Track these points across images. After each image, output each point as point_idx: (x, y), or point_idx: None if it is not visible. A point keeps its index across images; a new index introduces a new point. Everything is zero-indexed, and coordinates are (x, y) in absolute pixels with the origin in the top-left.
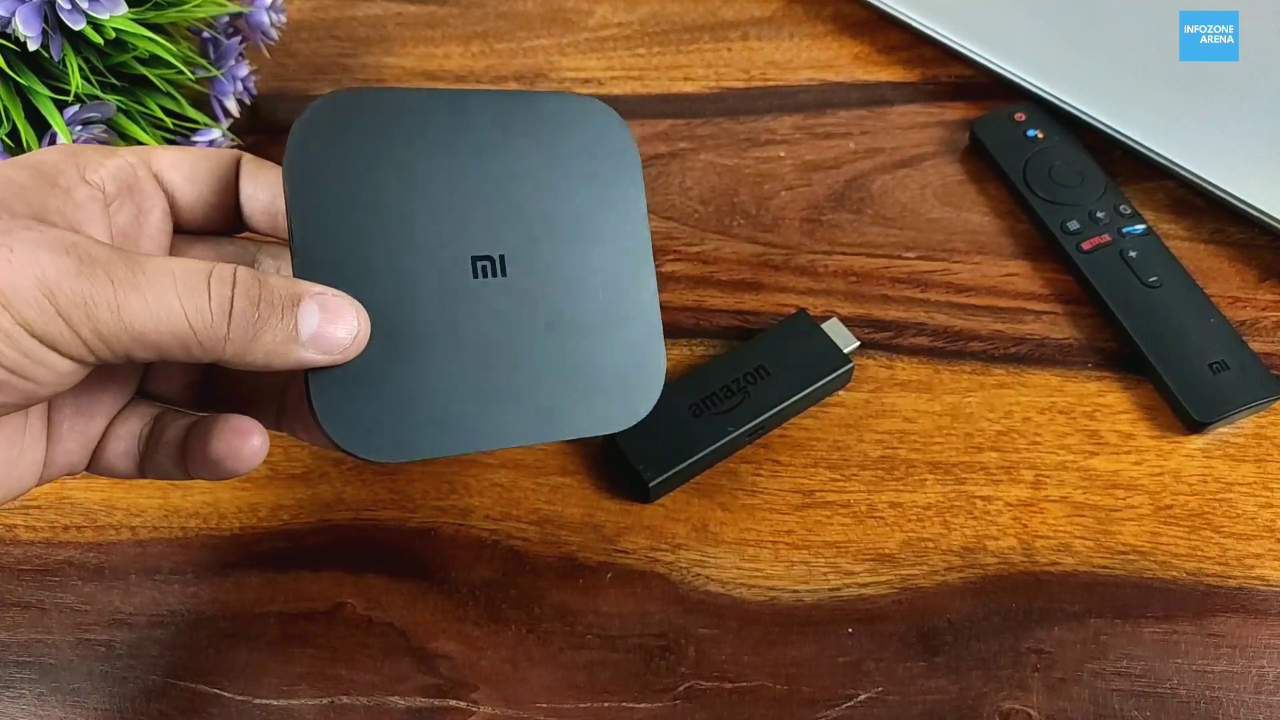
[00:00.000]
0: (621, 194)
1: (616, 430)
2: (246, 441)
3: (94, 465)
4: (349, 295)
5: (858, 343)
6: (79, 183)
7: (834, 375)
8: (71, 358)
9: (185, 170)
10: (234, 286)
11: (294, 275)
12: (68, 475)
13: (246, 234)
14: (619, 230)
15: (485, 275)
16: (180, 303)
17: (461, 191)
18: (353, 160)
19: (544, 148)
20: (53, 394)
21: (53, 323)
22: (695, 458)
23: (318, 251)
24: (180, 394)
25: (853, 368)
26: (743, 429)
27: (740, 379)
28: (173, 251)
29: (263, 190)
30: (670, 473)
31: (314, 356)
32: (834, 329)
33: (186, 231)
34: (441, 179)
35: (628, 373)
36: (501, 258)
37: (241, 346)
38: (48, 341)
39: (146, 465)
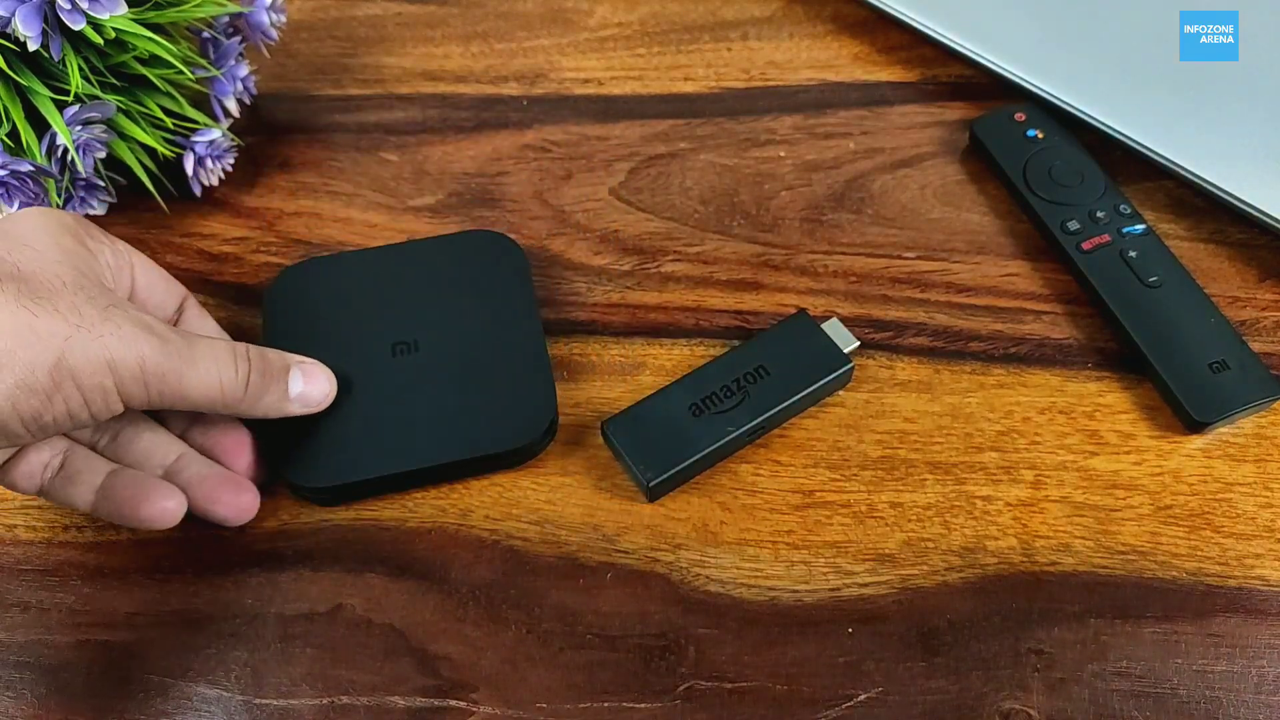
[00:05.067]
0: (513, 289)
1: (516, 446)
2: (166, 503)
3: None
4: (322, 365)
5: (857, 343)
6: (99, 247)
7: (834, 375)
8: (131, 408)
9: (149, 279)
10: (250, 363)
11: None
12: None
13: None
14: (511, 312)
15: (402, 354)
16: (219, 377)
17: (385, 307)
18: (309, 298)
19: (452, 270)
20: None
21: (137, 386)
22: (695, 457)
23: (280, 343)
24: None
25: (853, 368)
26: (743, 429)
27: (740, 379)
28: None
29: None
30: (670, 473)
31: (298, 409)
32: (834, 329)
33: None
34: (370, 302)
35: (522, 405)
36: (415, 341)
37: (251, 405)
38: (126, 399)
39: (49, 490)
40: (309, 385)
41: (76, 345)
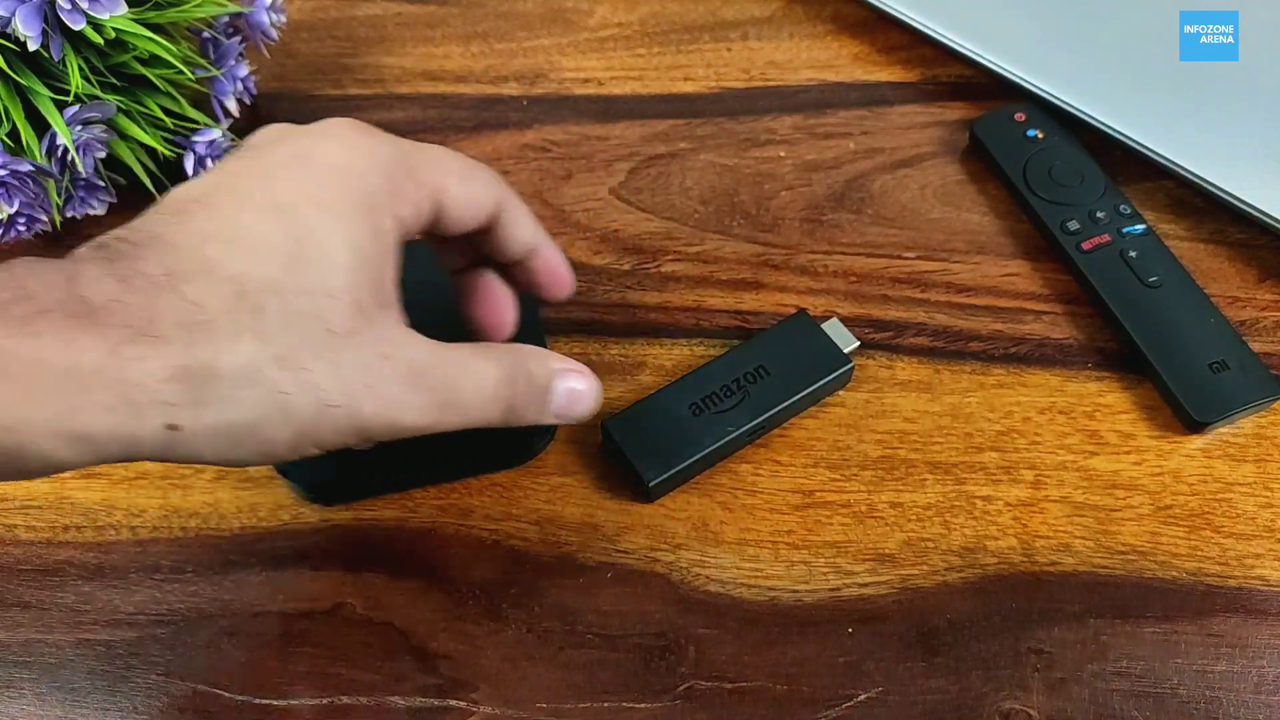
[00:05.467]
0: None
1: (517, 445)
2: None
3: None
4: (591, 374)
5: (857, 343)
6: (389, 221)
7: (834, 375)
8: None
9: (456, 209)
10: (514, 388)
11: None
12: None
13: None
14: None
15: None
16: (480, 417)
17: None
18: None
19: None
20: None
21: (385, 434)
22: (695, 457)
23: None
24: None
25: (853, 367)
26: (743, 429)
27: (740, 379)
28: None
29: (524, 232)
30: (670, 472)
31: (560, 421)
32: (834, 329)
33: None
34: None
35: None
36: None
37: (503, 424)
38: (371, 441)
39: None
40: (574, 403)
41: (324, 422)
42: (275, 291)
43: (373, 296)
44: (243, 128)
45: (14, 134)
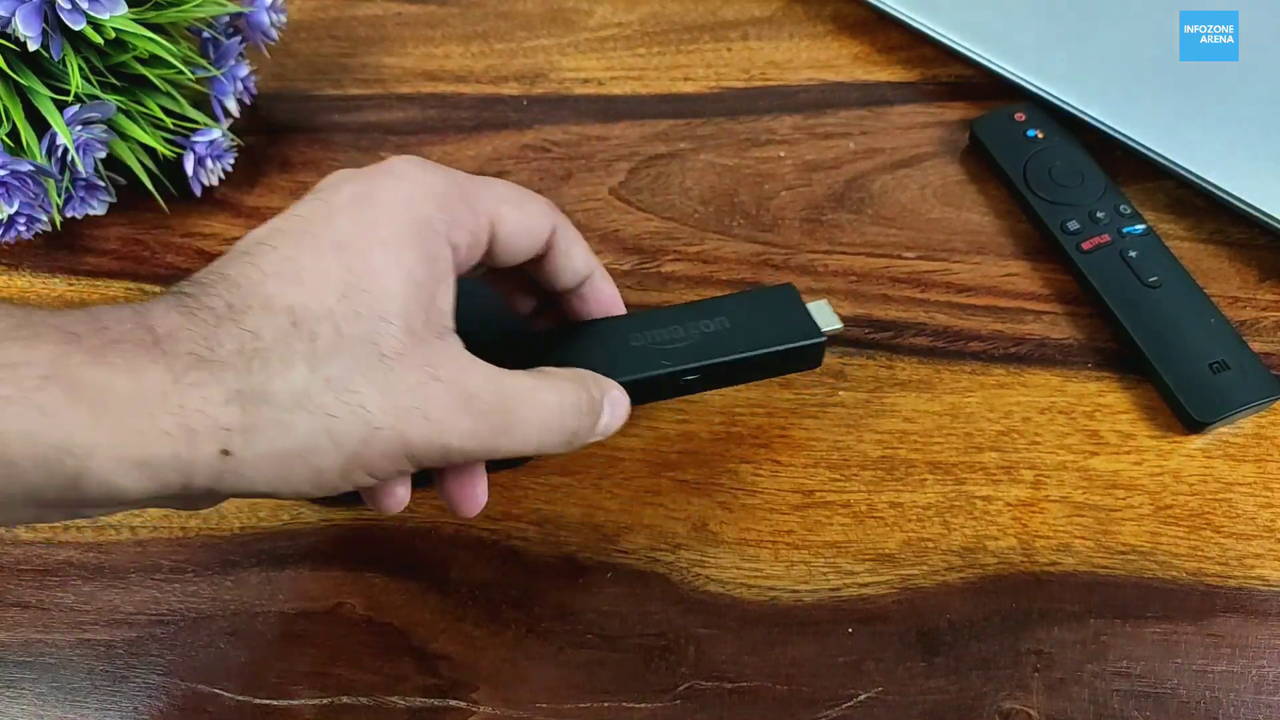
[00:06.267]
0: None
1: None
2: (475, 491)
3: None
4: (620, 388)
5: (840, 325)
6: (444, 251)
7: (798, 345)
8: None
9: (509, 237)
10: (580, 416)
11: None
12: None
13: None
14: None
15: None
16: (537, 445)
17: None
18: None
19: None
20: None
21: (434, 460)
22: (619, 380)
23: None
24: None
25: (823, 345)
26: (678, 367)
27: (696, 324)
28: None
29: (578, 260)
30: None
31: (598, 439)
32: (819, 307)
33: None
34: None
35: None
36: None
37: (562, 451)
38: (417, 467)
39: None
40: (613, 419)
41: (373, 446)
42: (329, 318)
43: (426, 321)
44: (242, 127)
45: (14, 134)
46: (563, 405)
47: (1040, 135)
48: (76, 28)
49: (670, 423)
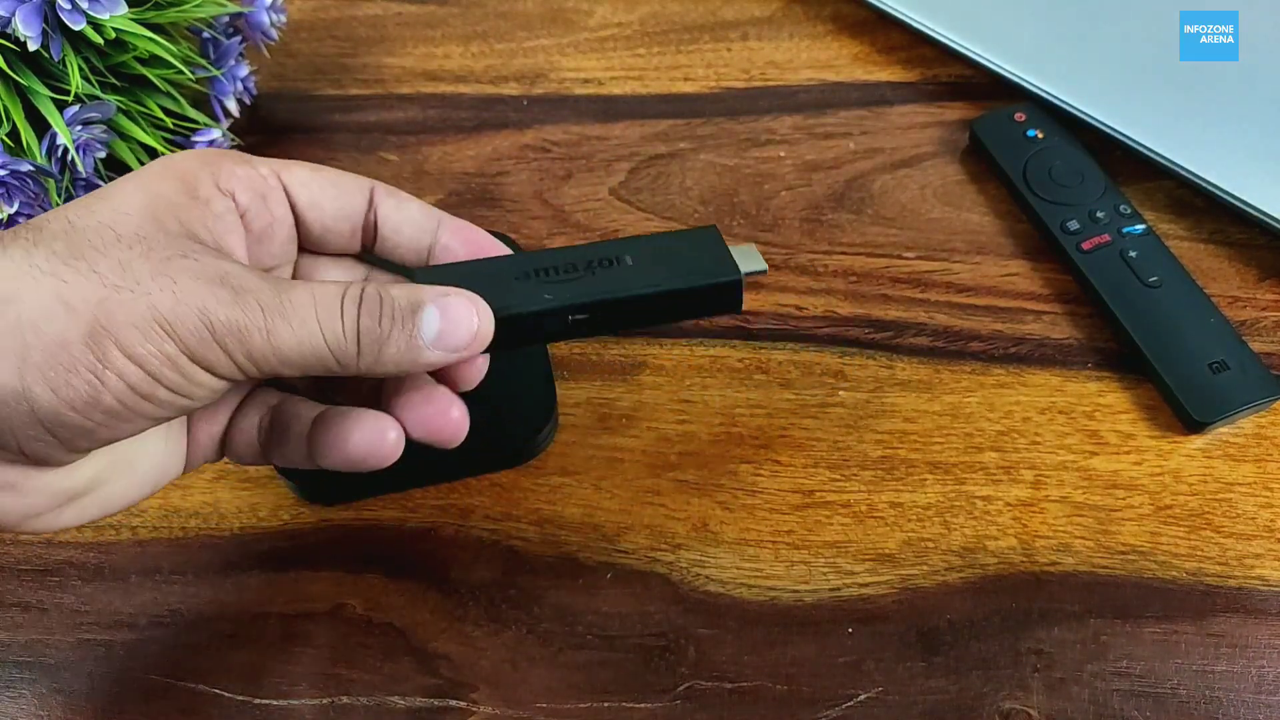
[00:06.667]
0: None
1: (516, 444)
2: (385, 436)
3: (227, 454)
4: (470, 293)
5: (764, 266)
6: (215, 193)
7: (709, 284)
8: (224, 377)
9: (313, 193)
10: (360, 305)
11: None
12: (208, 464)
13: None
14: None
15: None
16: (320, 327)
17: None
18: None
19: None
20: (202, 406)
21: (210, 349)
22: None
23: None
24: (301, 382)
25: (739, 284)
26: (565, 304)
27: (592, 261)
28: (299, 266)
29: (414, 210)
30: None
31: (441, 356)
32: (744, 250)
33: (307, 250)
34: None
35: (522, 404)
36: None
37: (372, 360)
38: (205, 365)
39: (272, 454)
40: (450, 324)
41: (113, 308)
42: (61, 217)
43: (181, 230)
44: (243, 127)
45: (14, 134)
46: (346, 294)
47: (1040, 135)
48: (76, 28)
49: (670, 423)
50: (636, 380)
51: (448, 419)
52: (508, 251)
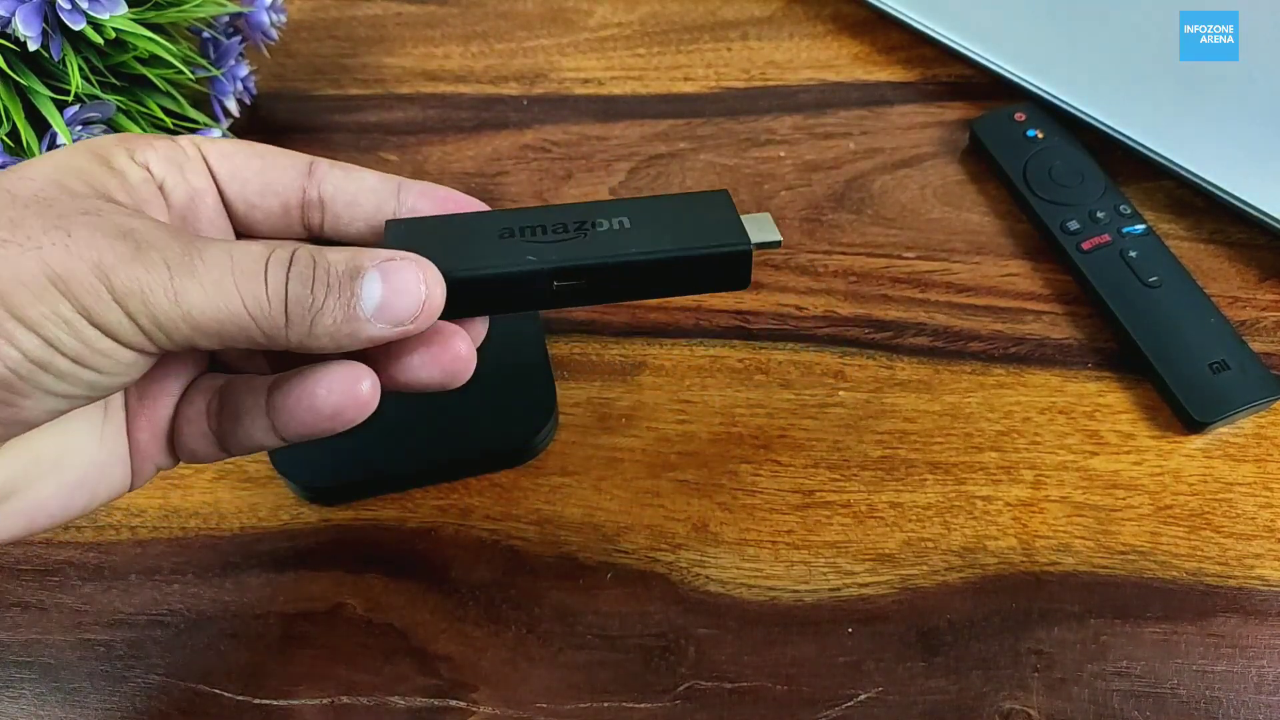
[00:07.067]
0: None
1: (516, 444)
2: (358, 386)
3: (179, 454)
4: (418, 257)
5: (778, 236)
6: (129, 164)
7: (715, 253)
8: (131, 347)
9: (235, 165)
10: (288, 268)
11: None
12: (162, 470)
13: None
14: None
15: None
16: (238, 290)
17: None
18: None
19: None
20: (119, 385)
21: (110, 310)
22: (466, 274)
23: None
24: (247, 359)
25: (749, 256)
26: (550, 266)
27: (585, 222)
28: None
29: (368, 177)
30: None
31: (384, 330)
32: (758, 219)
33: (241, 234)
34: None
35: (522, 404)
36: None
37: (303, 332)
38: (106, 330)
39: (230, 441)
40: (394, 293)
41: (3, 266)
42: None
43: (90, 191)
44: (242, 127)
45: (14, 134)
46: (273, 254)
47: (1040, 135)
48: (76, 28)
49: (670, 423)
50: (636, 380)
51: (455, 355)
52: (487, 209)
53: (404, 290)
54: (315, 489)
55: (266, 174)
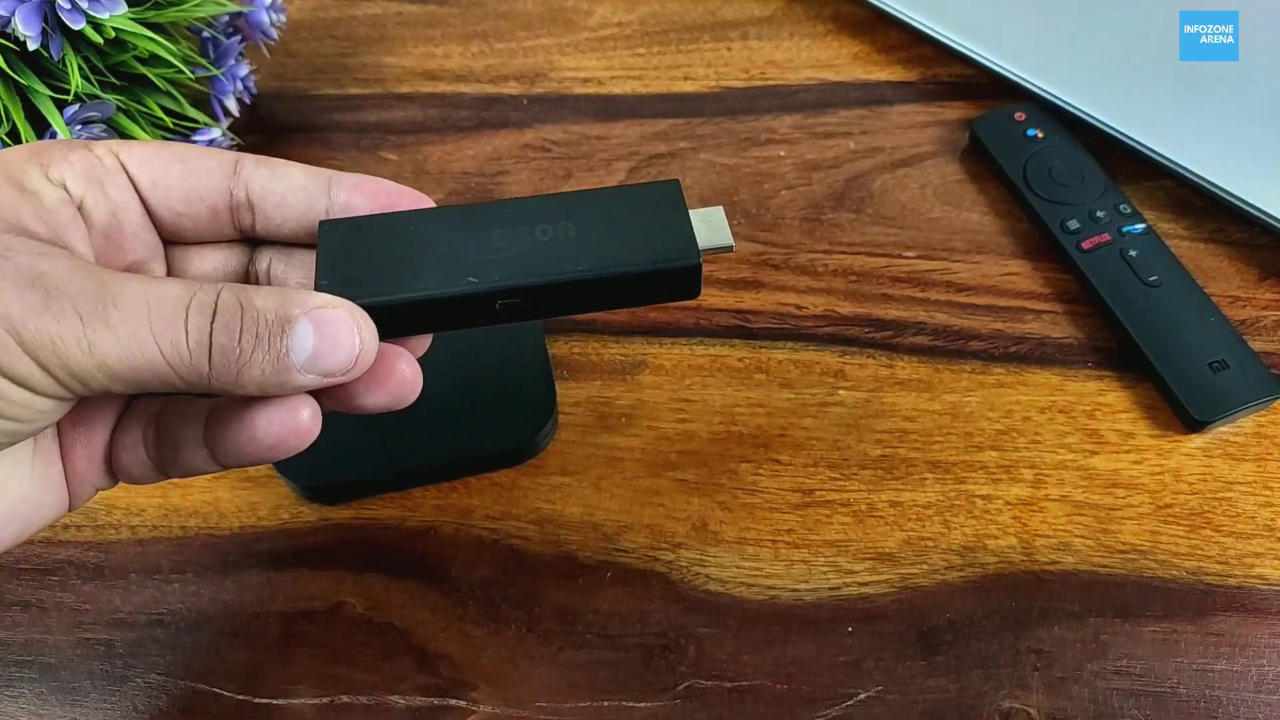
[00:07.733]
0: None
1: (516, 444)
2: (297, 416)
3: (118, 476)
4: (351, 304)
5: (730, 241)
6: (44, 184)
7: (661, 267)
8: (47, 395)
9: (156, 171)
10: (212, 315)
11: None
12: (102, 491)
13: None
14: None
15: None
16: (155, 339)
17: None
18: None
19: None
20: (40, 428)
21: (20, 361)
22: (398, 298)
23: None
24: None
25: (698, 269)
26: (490, 287)
27: (533, 230)
28: (171, 260)
29: (295, 173)
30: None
31: (314, 380)
32: (708, 215)
33: (170, 241)
34: None
35: (522, 403)
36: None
37: (229, 381)
38: (18, 381)
39: (169, 467)
40: (325, 344)
41: None
42: None
43: (5, 226)
44: (242, 127)
45: (14, 134)
46: (194, 299)
47: (1040, 135)
48: (76, 27)
49: (670, 423)
50: (636, 380)
51: (400, 380)
52: (427, 203)
53: (337, 344)
54: (315, 488)
55: (190, 179)
